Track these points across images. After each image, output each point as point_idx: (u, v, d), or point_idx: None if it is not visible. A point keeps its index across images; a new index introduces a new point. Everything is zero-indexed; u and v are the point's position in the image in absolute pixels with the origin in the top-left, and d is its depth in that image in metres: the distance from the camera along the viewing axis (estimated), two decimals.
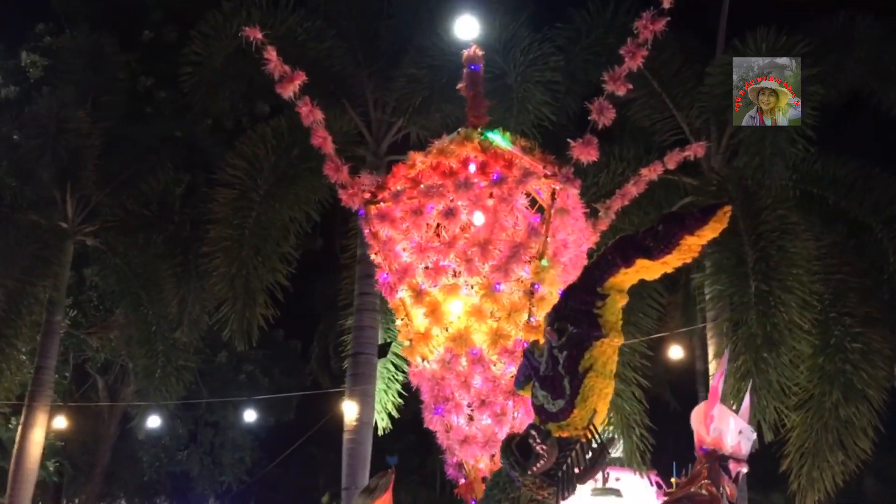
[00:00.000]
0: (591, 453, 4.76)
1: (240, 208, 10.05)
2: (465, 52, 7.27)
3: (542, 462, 4.66)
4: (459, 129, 6.80)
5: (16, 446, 12.21)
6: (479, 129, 6.83)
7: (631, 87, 6.30)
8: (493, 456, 6.21)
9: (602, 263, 4.82)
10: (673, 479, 14.72)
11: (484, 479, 6.26)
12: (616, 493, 13.60)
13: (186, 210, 12.61)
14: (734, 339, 9.24)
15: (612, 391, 4.87)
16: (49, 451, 21.58)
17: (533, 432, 4.69)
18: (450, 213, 6.25)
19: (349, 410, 11.11)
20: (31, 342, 12.41)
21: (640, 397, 11.26)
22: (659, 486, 13.92)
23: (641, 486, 13.43)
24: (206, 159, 12.51)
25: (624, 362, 11.40)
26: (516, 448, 4.79)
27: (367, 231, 6.47)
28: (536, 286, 6.15)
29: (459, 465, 6.27)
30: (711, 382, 6.24)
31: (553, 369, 4.88)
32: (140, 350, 13.59)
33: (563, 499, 4.77)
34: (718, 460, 6.02)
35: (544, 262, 6.15)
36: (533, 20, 10.78)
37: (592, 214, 7.46)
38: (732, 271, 9.45)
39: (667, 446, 14.28)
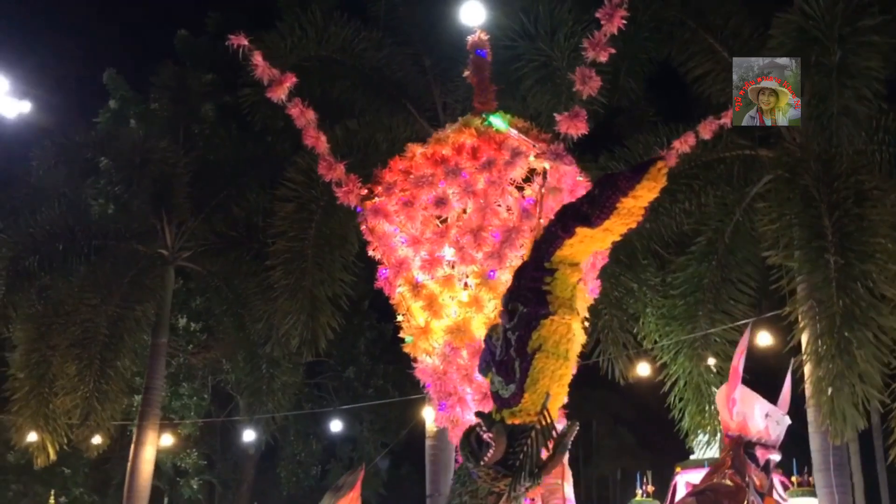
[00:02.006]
0: (550, 441, 4.44)
1: (299, 220, 10.20)
2: (470, 38, 7.10)
3: (491, 451, 4.37)
4: (460, 117, 6.64)
5: (129, 464, 12.92)
6: (482, 116, 6.63)
7: (613, 51, 5.87)
8: None
9: (547, 237, 4.50)
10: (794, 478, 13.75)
11: None
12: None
13: (268, 228, 12.98)
14: (815, 320, 8.46)
15: (569, 373, 4.51)
16: (194, 470, 22.89)
17: (479, 420, 4.42)
18: (441, 202, 6.06)
19: (430, 416, 11.02)
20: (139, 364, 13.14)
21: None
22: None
23: None
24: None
25: (714, 352, 10.76)
26: (472, 439, 4.53)
27: (363, 227, 6.38)
28: None
29: None
30: (732, 362, 5.72)
31: (506, 353, 4.58)
32: (245, 367, 14.12)
33: (523, 491, 4.46)
34: (744, 447, 5.53)
35: None
36: (582, 3, 10.41)
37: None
38: (808, 246, 8.67)
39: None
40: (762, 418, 5.55)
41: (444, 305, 6.06)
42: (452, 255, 6.03)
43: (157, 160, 12.52)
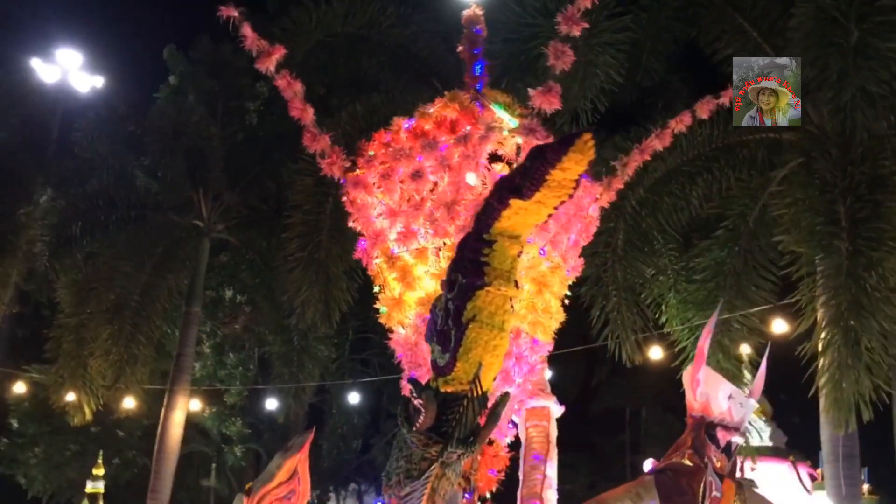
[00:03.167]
0: (483, 410, 4.48)
1: (316, 194, 10.33)
2: (465, 13, 7.11)
3: (422, 418, 4.44)
4: (446, 92, 6.67)
5: (160, 426, 13.38)
6: (471, 91, 6.66)
7: (587, 25, 5.82)
8: None
9: (486, 209, 4.52)
10: (819, 471, 13.42)
11: None
12: (750, 482, 12.65)
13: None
14: (822, 308, 8.26)
15: (504, 344, 4.54)
16: (238, 438, 23.49)
17: (410, 387, 4.49)
18: (417, 175, 6.11)
19: None
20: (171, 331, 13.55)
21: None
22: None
23: (780, 475, 12.43)
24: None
25: (735, 339, 10.59)
26: (408, 406, 4.61)
27: (344, 199, 6.48)
28: None
29: None
30: (699, 343, 5.65)
31: (445, 322, 4.63)
32: (277, 338, 14.43)
33: (455, 458, 4.52)
34: (705, 428, 5.48)
35: None
36: None
37: (610, 172, 7.04)
38: (820, 232, 8.45)
39: (807, 430, 13.06)
40: (725, 400, 5.47)
41: (418, 278, 6.13)
42: (426, 229, 6.09)
43: (191, 133, 12.86)
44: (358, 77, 11.78)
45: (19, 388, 18.68)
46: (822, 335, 8.13)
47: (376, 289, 6.44)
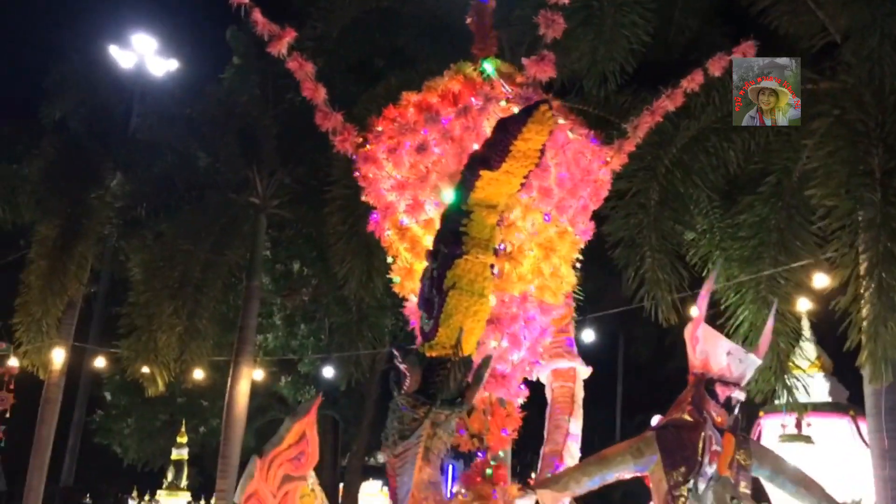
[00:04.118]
0: (467, 373, 4.72)
1: (354, 169, 10.56)
2: None
3: (407, 381, 4.71)
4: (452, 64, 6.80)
5: (227, 395, 14.04)
6: (478, 62, 6.79)
7: None
8: None
9: (462, 180, 4.74)
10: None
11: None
12: (806, 439, 12.54)
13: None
14: (855, 261, 8.15)
15: (485, 309, 4.76)
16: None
17: (395, 352, 4.75)
18: (421, 148, 6.30)
19: None
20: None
21: (796, 332, 10.32)
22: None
23: (839, 430, 12.29)
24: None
25: (780, 295, 10.48)
26: (398, 371, 4.88)
27: (357, 175, 6.72)
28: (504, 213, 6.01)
29: None
30: (697, 301, 5.74)
31: (430, 291, 4.89)
32: (335, 309, 14.91)
33: (444, 418, 4.77)
34: (705, 384, 5.61)
35: None
36: None
37: (622, 135, 7.08)
38: (852, 184, 8.30)
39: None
40: (724, 356, 5.56)
41: (427, 247, 6.34)
42: (433, 200, 6.28)
43: (240, 113, 13.31)
44: (396, 51, 11.97)
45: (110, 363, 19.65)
46: (856, 288, 8.04)
47: (390, 260, 6.70)
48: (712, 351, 5.59)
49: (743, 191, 11.21)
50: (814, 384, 13.35)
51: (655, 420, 7.91)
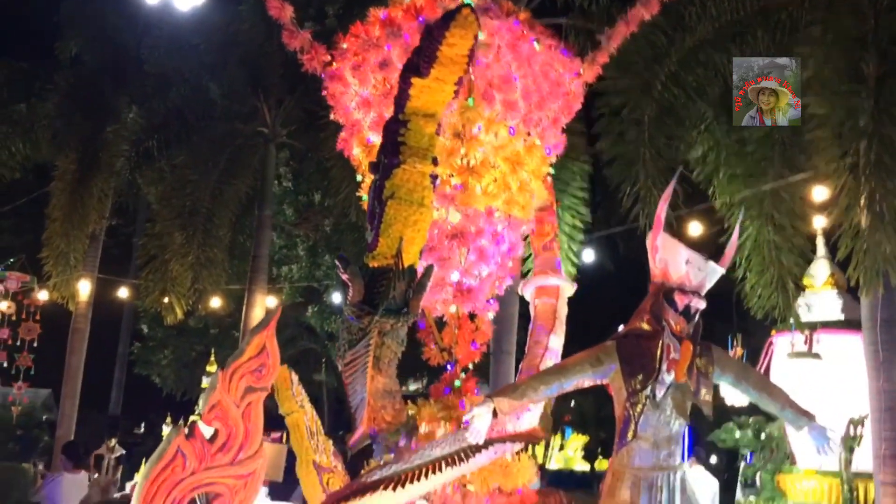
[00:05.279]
0: (410, 282, 4.78)
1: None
2: None
3: (351, 291, 4.79)
4: None
5: (241, 325, 14.35)
6: None
7: None
8: (443, 299, 6.32)
9: (399, 90, 4.73)
10: None
11: (439, 320, 6.44)
12: (815, 356, 12.47)
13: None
14: (842, 171, 7.97)
15: (426, 219, 4.79)
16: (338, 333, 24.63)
17: (337, 262, 4.82)
18: (384, 64, 6.26)
19: None
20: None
21: (800, 248, 10.18)
22: None
23: (848, 348, 12.19)
24: None
25: (783, 211, 10.33)
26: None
27: (324, 93, 6.73)
28: (466, 127, 6.00)
29: (420, 312, 6.43)
30: (657, 210, 5.69)
31: (372, 203, 4.93)
32: (349, 236, 15.01)
33: (389, 327, 4.86)
34: (664, 293, 5.62)
35: (470, 102, 5.96)
36: None
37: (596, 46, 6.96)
38: (844, 92, 8.07)
39: None
40: (683, 265, 5.54)
41: None
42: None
43: (244, 41, 13.29)
44: None
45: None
46: (841, 199, 7.89)
47: (359, 178, 6.74)
48: (672, 259, 5.57)
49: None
50: (827, 301, 13.22)
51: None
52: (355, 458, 6.22)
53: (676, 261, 5.56)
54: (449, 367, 6.27)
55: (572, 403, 28.58)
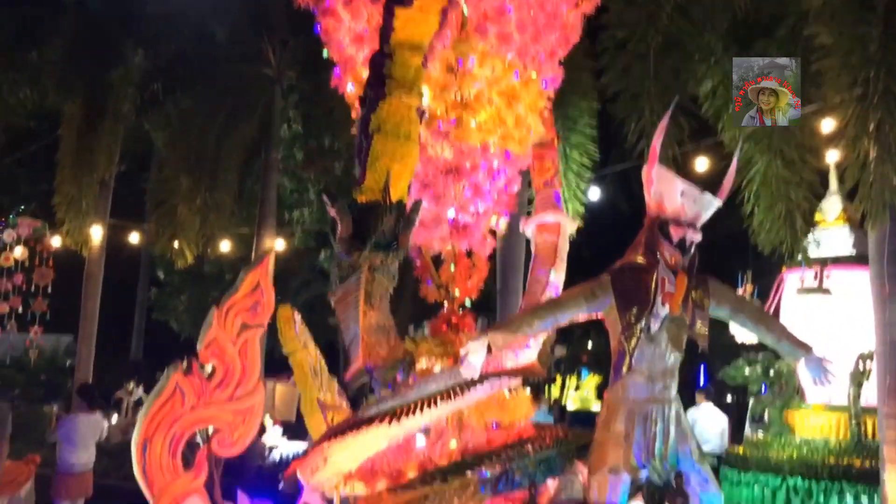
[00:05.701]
0: (399, 217, 4.76)
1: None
2: None
3: (340, 226, 4.78)
4: None
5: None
6: None
7: None
8: (440, 237, 6.30)
9: (383, 23, 4.64)
10: None
11: (436, 257, 6.43)
12: (825, 291, 12.39)
13: None
14: (849, 103, 7.80)
15: (413, 153, 4.73)
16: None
17: (325, 199, 4.80)
18: None
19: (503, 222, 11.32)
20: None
21: (809, 182, 10.04)
22: None
23: (858, 283, 12.10)
24: None
25: (790, 143, 10.17)
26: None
27: (318, 30, 6.62)
28: (459, 61, 5.90)
29: (417, 249, 6.43)
30: (652, 142, 5.60)
31: (359, 137, 4.88)
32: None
33: (379, 262, 4.85)
34: (658, 225, 5.57)
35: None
36: None
37: None
38: (852, 20, 7.86)
39: None
40: (678, 197, 5.46)
41: None
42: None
43: None
44: None
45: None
46: (855, 130, 7.75)
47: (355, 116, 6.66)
48: (667, 192, 5.50)
49: (758, 38, 10.72)
50: (839, 237, 13.10)
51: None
52: (357, 394, 6.28)
53: (671, 193, 5.48)
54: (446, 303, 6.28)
55: (589, 345, 28.63)
